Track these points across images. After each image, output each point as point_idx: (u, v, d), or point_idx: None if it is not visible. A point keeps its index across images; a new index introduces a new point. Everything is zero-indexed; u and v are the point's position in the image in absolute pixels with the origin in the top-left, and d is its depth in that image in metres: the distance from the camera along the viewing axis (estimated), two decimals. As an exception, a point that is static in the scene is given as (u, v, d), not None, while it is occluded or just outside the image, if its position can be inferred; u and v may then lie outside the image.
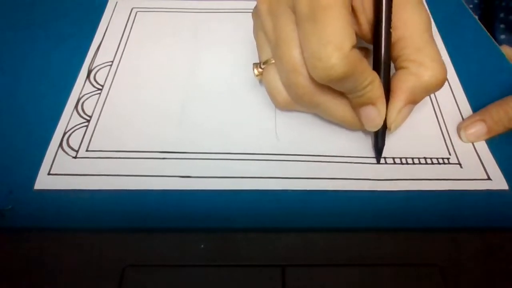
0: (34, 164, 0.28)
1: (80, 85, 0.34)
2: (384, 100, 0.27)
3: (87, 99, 0.33)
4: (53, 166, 0.28)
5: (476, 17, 0.42)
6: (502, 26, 0.53)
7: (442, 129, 0.31)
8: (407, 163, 0.29)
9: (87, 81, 0.34)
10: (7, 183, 0.27)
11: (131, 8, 0.41)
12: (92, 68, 0.35)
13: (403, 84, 0.27)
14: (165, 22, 0.39)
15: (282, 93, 0.29)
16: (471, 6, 0.56)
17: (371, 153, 0.30)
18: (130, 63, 0.36)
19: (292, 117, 0.32)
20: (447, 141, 0.30)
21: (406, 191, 0.28)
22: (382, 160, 0.29)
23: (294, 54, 0.26)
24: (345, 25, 0.23)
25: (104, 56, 0.36)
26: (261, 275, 0.23)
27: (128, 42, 0.38)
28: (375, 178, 0.28)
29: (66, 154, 0.29)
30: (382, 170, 0.29)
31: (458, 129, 0.31)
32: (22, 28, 0.39)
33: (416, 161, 0.29)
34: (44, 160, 0.29)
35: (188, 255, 0.24)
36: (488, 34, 0.39)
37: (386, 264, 0.24)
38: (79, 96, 0.33)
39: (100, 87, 0.34)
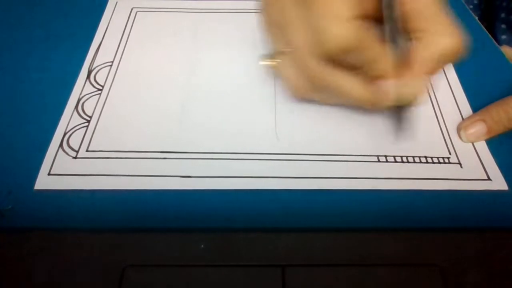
0: (34, 164, 0.28)
1: (80, 86, 0.34)
2: (398, 73, 0.26)
3: (87, 99, 0.33)
4: (53, 166, 0.28)
5: (476, 17, 0.42)
6: (503, 26, 0.53)
7: (442, 128, 0.31)
8: (407, 161, 0.29)
9: (87, 82, 0.34)
10: (7, 183, 0.27)
11: (131, 8, 0.41)
12: (92, 68, 0.35)
13: (419, 55, 0.26)
14: (165, 22, 0.39)
15: (297, 81, 0.29)
16: (471, 6, 0.56)
17: (371, 151, 0.30)
18: (130, 63, 0.36)
19: (292, 116, 0.32)
20: (447, 141, 0.31)
21: (406, 191, 0.28)
22: (382, 159, 0.29)
23: (301, 37, 0.26)
24: None
25: (104, 56, 0.36)
26: (261, 275, 0.23)
27: (128, 42, 0.38)
28: (376, 177, 0.28)
29: (66, 154, 0.29)
30: (382, 169, 0.29)
31: (458, 129, 0.31)
32: (22, 28, 0.39)
33: (416, 159, 0.29)
34: (44, 160, 0.29)
35: (188, 255, 0.24)
36: (488, 34, 0.39)
37: (386, 264, 0.24)
38: (79, 96, 0.33)
39: (100, 88, 0.34)
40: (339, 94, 0.29)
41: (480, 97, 0.33)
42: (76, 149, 0.29)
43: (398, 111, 0.28)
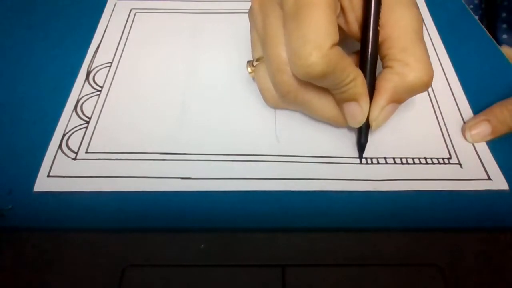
0: (33, 165, 0.28)
1: (79, 86, 0.34)
2: (367, 98, 0.27)
3: (86, 100, 0.33)
4: (52, 168, 0.28)
5: (477, 17, 0.42)
6: (504, 26, 0.53)
7: (442, 129, 0.31)
8: (407, 163, 0.29)
9: (86, 82, 0.34)
10: (7, 184, 0.27)
11: (129, 9, 0.41)
12: (91, 69, 0.35)
13: (387, 83, 0.27)
14: (163, 23, 0.39)
15: (271, 91, 0.29)
16: (471, 6, 0.56)
17: (371, 153, 0.29)
18: (129, 64, 0.36)
19: (292, 118, 0.32)
20: (447, 141, 0.30)
21: (406, 191, 0.28)
22: (382, 161, 0.29)
23: (279, 52, 0.26)
24: (326, 24, 0.23)
25: (103, 57, 0.36)
26: (261, 275, 0.23)
27: (127, 43, 0.37)
28: (376, 179, 0.28)
29: (65, 156, 0.29)
30: (382, 170, 0.29)
31: (463, 130, 0.31)
32: (21, 29, 0.39)
33: (416, 161, 0.29)
34: (44, 162, 0.29)
35: (188, 255, 0.24)
36: (488, 34, 0.39)
37: (386, 264, 0.24)
38: (78, 97, 0.33)
39: (99, 88, 0.34)
40: (309, 110, 0.29)
41: (480, 97, 0.33)
42: (75, 150, 0.29)
43: (361, 131, 0.29)
